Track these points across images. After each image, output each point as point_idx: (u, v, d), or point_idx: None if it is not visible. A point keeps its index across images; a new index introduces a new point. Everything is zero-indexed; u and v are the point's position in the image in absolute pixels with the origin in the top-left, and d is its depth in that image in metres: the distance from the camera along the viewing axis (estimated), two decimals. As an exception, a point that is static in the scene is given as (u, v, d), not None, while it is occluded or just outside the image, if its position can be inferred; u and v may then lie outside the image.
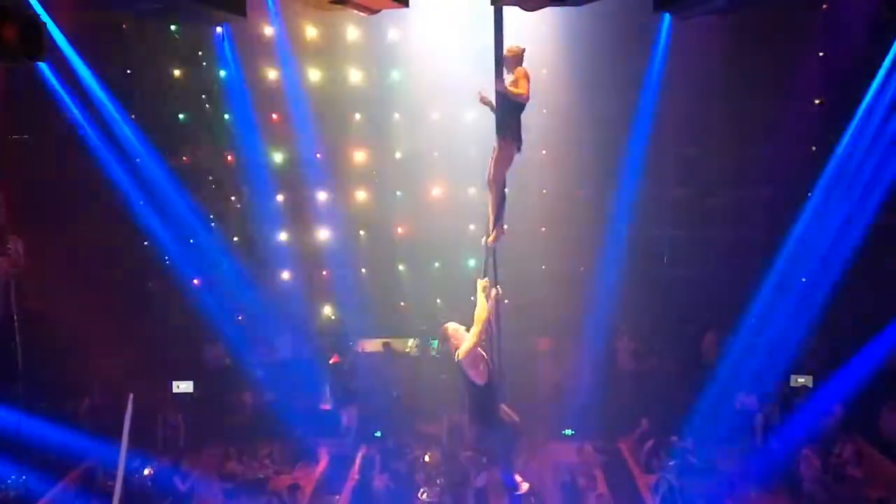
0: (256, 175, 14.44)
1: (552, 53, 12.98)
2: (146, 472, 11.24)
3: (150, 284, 13.89)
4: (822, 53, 13.02)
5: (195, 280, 13.59)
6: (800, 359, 12.34)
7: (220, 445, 12.53)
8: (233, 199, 14.69)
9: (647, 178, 14.24)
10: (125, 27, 13.23)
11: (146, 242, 12.89)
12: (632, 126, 14.10)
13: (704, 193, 14.31)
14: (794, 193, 13.80)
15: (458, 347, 6.18)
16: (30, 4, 8.58)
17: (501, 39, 6.05)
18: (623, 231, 14.56)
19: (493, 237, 6.39)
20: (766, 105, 13.04)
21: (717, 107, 13.53)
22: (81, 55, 11.61)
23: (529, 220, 13.50)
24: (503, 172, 6.32)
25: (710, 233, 14.29)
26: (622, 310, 14.38)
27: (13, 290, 11.40)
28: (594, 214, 14.45)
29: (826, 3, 12.49)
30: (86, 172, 11.96)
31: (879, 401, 11.73)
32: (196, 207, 13.85)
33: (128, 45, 13.34)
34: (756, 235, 13.85)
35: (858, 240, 12.10)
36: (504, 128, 6.16)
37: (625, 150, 14.35)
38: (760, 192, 14.05)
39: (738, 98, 13.34)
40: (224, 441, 12.57)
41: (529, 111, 6.48)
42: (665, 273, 14.58)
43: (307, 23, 13.68)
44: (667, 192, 14.44)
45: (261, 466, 12.03)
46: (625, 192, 14.52)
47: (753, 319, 12.91)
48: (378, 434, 13.03)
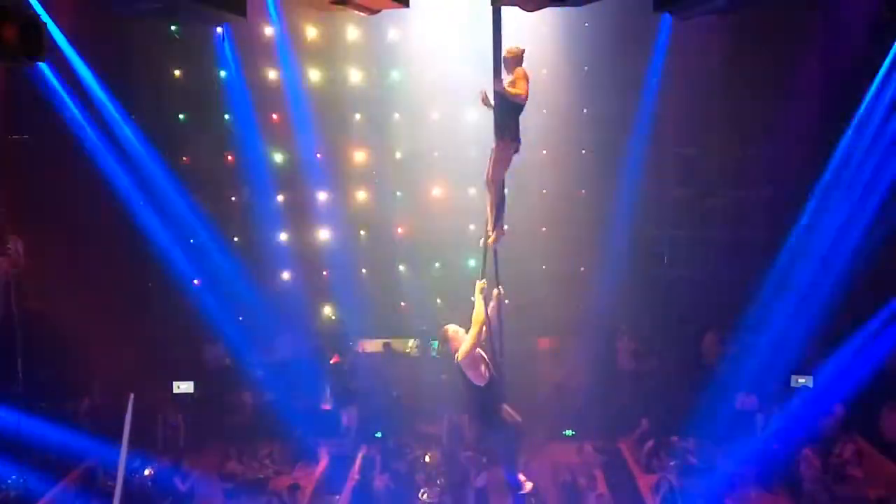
0: (256, 175, 14.46)
1: (552, 53, 12.99)
2: (146, 473, 11.25)
3: (150, 284, 13.89)
4: (822, 53, 13.02)
5: (195, 280, 13.58)
6: (801, 359, 12.30)
7: (221, 445, 12.54)
8: (233, 200, 14.71)
9: (648, 178, 14.24)
10: (125, 27, 13.22)
11: (146, 242, 12.88)
12: (632, 126, 14.13)
13: (704, 193, 14.31)
14: (795, 193, 13.77)
15: (458, 349, 6.17)
16: (30, 4, 8.58)
17: (500, 40, 6.04)
18: (623, 231, 14.57)
19: (494, 238, 6.36)
20: (766, 105, 13.03)
21: (717, 107, 13.51)
22: (81, 55, 11.61)
23: (529, 221, 13.49)
24: (502, 173, 6.31)
25: (710, 233, 14.29)
26: (622, 310, 14.41)
27: (13, 290, 11.40)
28: (594, 214, 14.44)
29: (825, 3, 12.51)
30: (86, 172, 11.95)
31: (880, 401, 11.72)
32: (196, 207, 13.87)
33: (128, 46, 13.34)
34: (756, 235, 13.84)
35: (858, 240, 12.09)
36: (502, 128, 6.13)
37: (625, 150, 14.37)
38: (760, 192, 14.04)
39: (738, 98, 13.32)
40: (224, 441, 12.59)
41: (529, 111, 6.46)
42: (665, 273, 14.58)
43: (307, 23, 13.69)
44: (667, 192, 14.44)
45: (261, 466, 12.03)
46: (625, 192, 14.53)
47: (757, 319, 12.86)
48: (378, 434, 13.04)
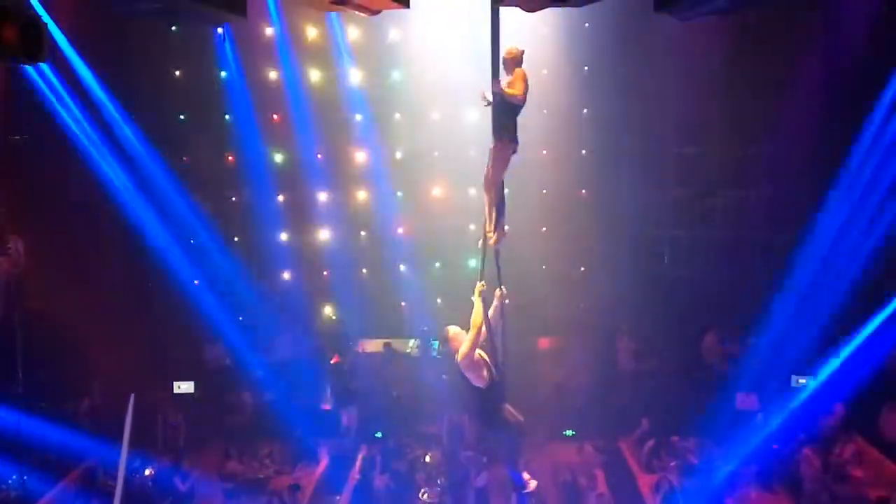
0: (257, 175, 14.47)
1: (553, 54, 12.99)
2: (147, 472, 11.25)
3: (150, 285, 13.89)
4: (823, 53, 13.01)
5: (195, 280, 13.58)
6: (801, 359, 12.28)
7: (221, 445, 12.55)
8: (233, 200, 14.71)
9: (648, 179, 14.26)
10: (125, 27, 13.22)
11: (146, 242, 12.88)
12: (632, 126, 14.14)
13: (704, 193, 14.30)
14: (795, 193, 13.79)
15: (459, 350, 6.16)
16: (30, 5, 8.56)
17: (498, 40, 6.02)
18: (623, 231, 14.58)
19: (496, 239, 6.33)
20: (767, 105, 13.01)
21: (718, 107, 13.50)
22: (81, 55, 11.61)
23: (530, 221, 13.46)
24: (501, 173, 6.27)
25: (711, 233, 14.28)
26: (623, 310, 14.41)
27: (13, 290, 11.40)
28: (595, 214, 14.45)
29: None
30: (86, 172, 11.95)
31: (880, 400, 11.71)
32: (196, 207, 13.87)
33: (128, 46, 13.33)
34: (756, 235, 13.84)
35: (859, 239, 12.07)
36: (500, 128, 6.11)
37: (625, 151, 14.39)
38: (761, 192, 14.03)
39: (739, 98, 13.30)
40: (224, 441, 12.59)
41: (529, 112, 6.45)
42: (666, 273, 14.57)
43: (308, 23, 13.70)
44: (667, 192, 14.44)
45: (261, 466, 12.04)
46: (625, 192, 14.55)
47: (758, 319, 12.84)
48: (379, 434, 13.04)
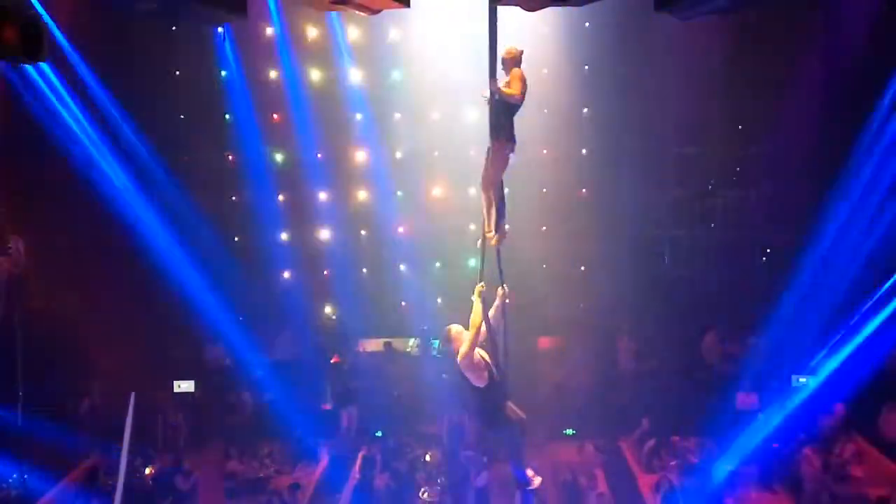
0: (257, 175, 14.48)
1: (553, 53, 13.00)
2: (147, 472, 11.26)
3: (152, 284, 13.87)
4: (823, 53, 13.01)
5: (196, 279, 13.56)
6: (801, 358, 12.28)
7: (221, 445, 12.55)
8: (234, 199, 14.72)
9: (648, 178, 14.26)
10: (125, 27, 13.22)
11: (147, 242, 12.87)
12: (632, 126, 14.14)
13: (704, 193, 14.30)
14: (795, 193, 13.80)
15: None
16: (30, 4, 8.57)
17: (495, 39, 5.98)
18: (624, 231, 14.59)
19: (497, 239, 6.31)
20: (767, 105, 13.02)
21: (718, 106, 13.52)
22: (82, 55, 11.61)
23: (530, 220, 13.49)
24: (500, 173, 6.22)
25: (711, 233, 14.28)
26: (623, 309, 14.42)
27: (14, 290, 11.40)
28: (595, 214, 14.46)
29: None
30: (86, 172, 11.95)
31: (880, 400, 11.70)
32: (197, 207, 13.88)
33: (128, 46, 13.33)
34: (756, 235, 13.84)
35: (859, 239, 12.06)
36: (498, 128, 6.06)
37: (625, 150, 14.39)
38: (761, 192, 14.04)
39: (739, 98, 13.33)
40: (225, 440, 12.59)
41: (530, 111, 6.44)
42: (666, 273, 14.58)
43: (308, 23, 13.70)
44: (667, 192, 14.45)
45: (261, 466, 12.04)
46: (625, 192, 14.55)
47: (758, 318, 12.84)
48: (379, 434, 13.05)
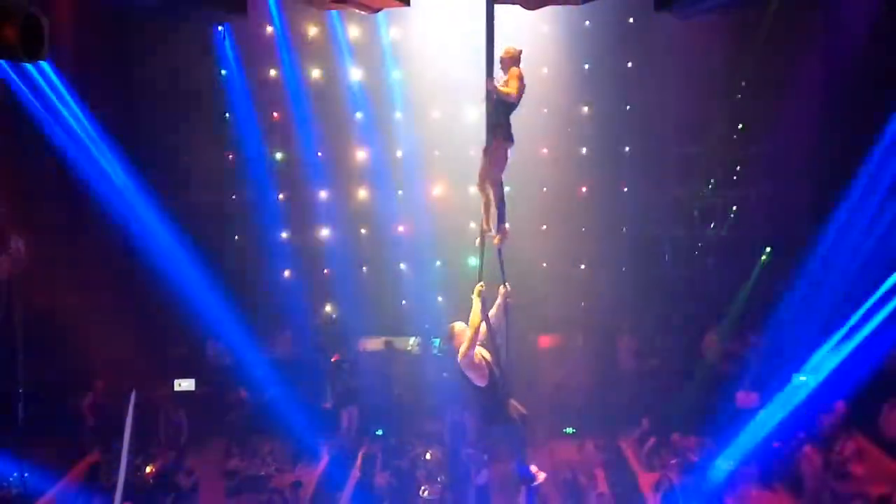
0: (257, 174, 14.49)
1: (553, 52, 13.01)
2: (148, 470, 11.27)
3: (152, 282, 13.89)
4: (823, 53, 13.01)
5: (197, 278, 13.57)
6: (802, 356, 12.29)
7: (222, 443, 12.56)
8: (234, 198, 14.73)
9: (648, 177, 14.27)
10: (126, 26, 13.24)
11: (148, 241, 12.89)
12: (633, 125, 14.15)
13: (705, 193, 14.29)
14: (795, 193, 13.81)
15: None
16: (30, 3, 8.57)
17: (492, 36, 5.94)
18: (624, 230, 14.60)
19: (498, 239, 6.31)
20: (767, 105, 13.02)
21: (718, 106, 13.51)
22: (82, 54, 11.62)
23: (530, 219, 13.52)
24: (499, 173, 6.20)
25: (711, 232, 14.28)
26: (623, 308, 14.44)
27: (15, 289, 11.41)
28: (595, 213, 14.48)
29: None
30: (87, 171, 11.95)
31: (881, 398, 11.71)
32: (197, 206, 13.89)
33: (128, 44, 13.35)
34: (756, 235, 13.84)
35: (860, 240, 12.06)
36: (496, 127, 6.04)
37: (626, 149, 14.40)
38: (761, 192, 14.04)
39: (739, 97, 13.32)
40: (226, 438, 12.60)
41: (530, 110, 6.44)
42: (666, 271, 14.58)
43: (308, 21, 13.71)
44: (667, 191, 14.44)
45: (262, 464, 12.04)
46: (626, 191, 14.57)
47: (759, 317, 12.86)
48: (379, 432, 13.07)
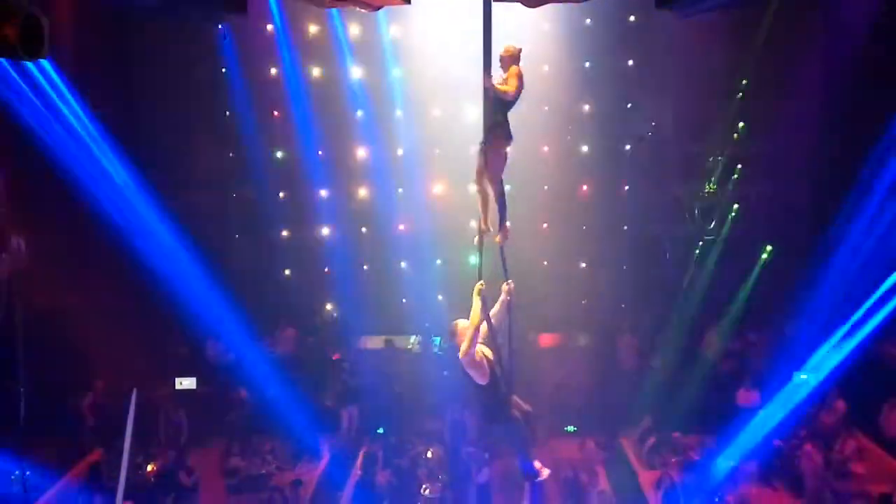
0: (258, 172, 14.49)
1: (554, 50, 13.00)
2: (150, 468, 11.28)
3: (153, 281, 13.89)
4: (823, 53, 13.01)
5: (198, 277, 13.57)
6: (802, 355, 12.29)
7: (223, 441, 12.56)
8: (234, 197, 14.73)
9: (649, 176, 14.26)
10: (126, 25, 13.23)
11: (148, 239, 12.89)
12: (633, 123, 14.14)
13: (704, 192, 14.28)
14: (795, 193, 13.82)
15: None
16: (30, 2, 8.57)
17: (490, 33, 5.85)
18: (625, 228, 14.59)
19: (500, 238, 6.30)
20: (767, 105, 13.02)
21: (718, 105, 13.49)
22: (82, 53, 11.61)
23: (531, 217, 13.53)
24: (499, 172, 6.18)
25: (711, 231, 14.26)
26: (624, 307, 14.44)
27: (16, 288, 11.41)
28: (596, 211, 14.47)
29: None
30: (87, 169, 11.94)
31: (881, 397, 11.73)
32: (198, 204, 13.89)
33: (129, 43, 13.34)
34: (756, 235, 13.83)
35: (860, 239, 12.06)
36: (494, 125, 6.00)
37: (627, 148, 14.39)
38: (761, 191, 14.03)
39: (739, 97, 13.30)
40: (226, 437, 12.60)
41: (531, 108, 6.42)
42: (666, 271, 14.57)
43: (308, 20, 13.69)
44: (668, 190, 14.43)
45: (263, 462, 12.05)
46: (627, 190, 14.55)
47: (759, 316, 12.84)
48: (380, 430, 13.07)
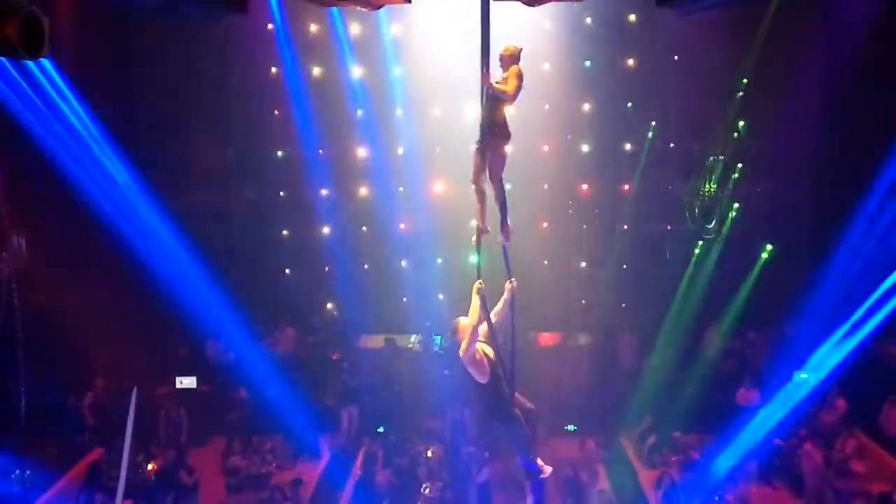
0: (258, 171, 14.48)
1: (554, 49, 12.99)
2: (150, 467, 11.28)
3: (153, 280, 13.89)
4: (823, 53, 13.00)
5: (198, 276, 13.57)
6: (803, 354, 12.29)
7: (223, 440, 12.56)
8: (235, 196, 14.72)
9: (649, 175, 14.25)
10: (126, 24, 13.22)
11: (148, 239, 12.89)
12: (634, 122, 14.13)
13: (704, 191, 14.26)
14: (795, 192, 13.81)
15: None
16: (31, 1, 8.56)
17: (488, 31, 5.79)
18: (625, 227, 14.58)
19: (502, 238, 6.29)
20: (767, 104, 13.01)
21: (718, 104, 13.49)
22: (82, 52, 11.60)
23: (531, 216, 13.52)
24: (500, 171, 6.18)
25: (711, 230, 14.24)
26: (624, 305, 14.43)
27: (16, 287, 11.41)
28: (596, 210, 14.46)
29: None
30: (88, 168, 11.94)
31: (882, 396, 11.73)
32: (197, 204, 13.88)
33: (129, 42, 13.33)
34: (756, 234, 13.83)
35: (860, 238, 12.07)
36: (493, 125, 6.00)
37: (627, 146, 14.38)
38: (761, 192, 14.02)
39: (739, 97, 13.29)
40: (226, 436, 12.60)
41: (531, 106, 6.40)
42: (667, 269, 14.57)
43: (309, 19, 13.69)
44: (668, 189, 14.42)
45: (263, 461, 12.05)
46: (627, 189, 14.54)
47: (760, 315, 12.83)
48: (380, 429, 13.07)
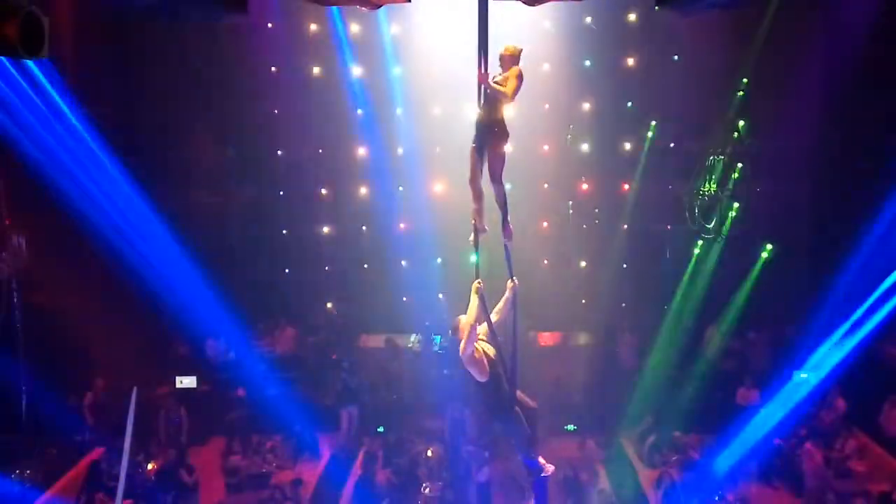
0: (258, 171, 14.47)
1: (554, 49, 12.98)
2: (150, 467, 11.28)
3: (153, 280, 13.88)
4: (823, 53, 12.99)
5: (198, 275, 13.57)
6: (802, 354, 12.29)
7: (223, 440, 12.57)
8: (234, 196, 14.72)
9: (649, 174, 14.25)
10: (126, 24, 13.21)
11: (148, 238, 12.89)
12: (633, 122, 14.13)
13: (704, 191, 14.24)
14: (795, 193, 13.81)
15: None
16: (31, 1, 8.56)
17: (486, 30, 5.79)
18: (625, 227, 14.58)
19: (505, 237, 6.30)
20: (767, 105, 13.00)
21: (718, 104, 13.48)
22: (82, 52, 11.60)
23: (531, 216, 13.52)
24: (499, 171, 6.18)
25: (711, 230, 14.22)
26: (624, 305, 14.42)
27: (16, 287, 11.41)
28: (596, 209, 14.46)
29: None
30: (88, 169, 11.95)
31: (881, 396, 11.73)
32: (197, 204, 13.88)
33: (129, 42, 13.32)
34: (756, 234, 13.83)
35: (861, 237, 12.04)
36: (492, 125, 6.00)
37: (627, 146, 14.38)
38: (761, 192, 14.00)
39: (741, 94, 13.29)
40: (226, 435, 12.61)
41: (531, 106, 6.40)
42: (667, 269, 14.57)
43: (309, 18, 13.68)
44: (668, 189, 14.41)
45: (263, 461, 12.06)
46: (627, 188, 14.54)
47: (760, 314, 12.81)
48: (380, 429, 13.07)
